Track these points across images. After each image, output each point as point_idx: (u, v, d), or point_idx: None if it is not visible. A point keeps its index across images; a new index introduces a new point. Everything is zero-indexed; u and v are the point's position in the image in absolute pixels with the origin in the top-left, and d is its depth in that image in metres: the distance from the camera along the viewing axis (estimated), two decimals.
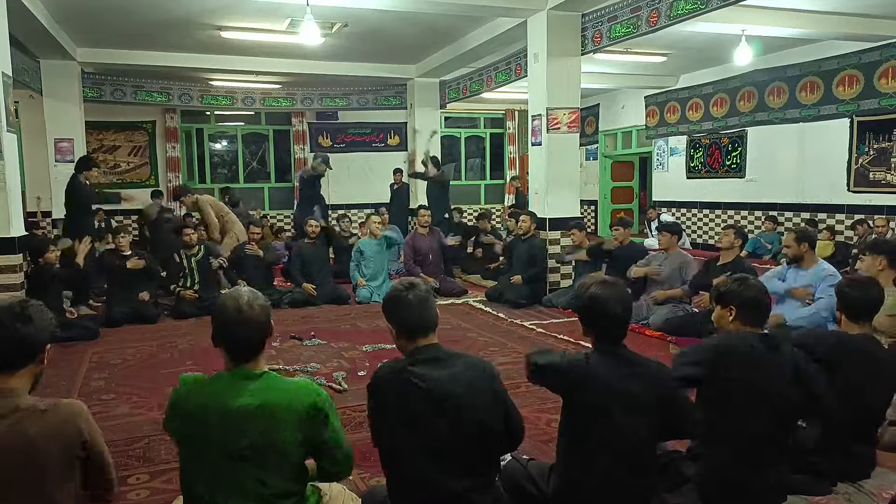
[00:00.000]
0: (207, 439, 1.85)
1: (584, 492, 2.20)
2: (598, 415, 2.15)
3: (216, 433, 1.84)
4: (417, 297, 2.06)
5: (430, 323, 2.09)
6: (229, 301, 1.92)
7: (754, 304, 2.46)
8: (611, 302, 2.19)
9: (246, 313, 1.88)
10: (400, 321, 2.08)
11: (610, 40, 6.84)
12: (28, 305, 1.76)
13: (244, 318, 1.88)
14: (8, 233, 5.17)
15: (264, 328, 1.93)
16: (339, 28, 8.11)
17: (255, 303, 1.91)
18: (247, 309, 1.89)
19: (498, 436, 2.09)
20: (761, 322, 2.50)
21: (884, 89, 8.28)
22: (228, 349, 1.92)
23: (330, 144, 13.29)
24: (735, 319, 2.48)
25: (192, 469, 1.91)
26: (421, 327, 2.07)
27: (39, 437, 1.67)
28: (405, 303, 2.06)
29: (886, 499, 2.53)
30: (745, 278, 2.55)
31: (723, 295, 2.54)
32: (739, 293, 2.48)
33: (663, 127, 12.16)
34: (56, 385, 4.23)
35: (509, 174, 14.46)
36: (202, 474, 1.88)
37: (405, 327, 2.08)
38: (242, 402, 1.85)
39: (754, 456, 2.38)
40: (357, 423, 3.55)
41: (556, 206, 7.16)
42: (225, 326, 1.89)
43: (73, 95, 9.19)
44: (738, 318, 2.48)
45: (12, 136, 5.34)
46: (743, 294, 2.47)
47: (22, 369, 1.73)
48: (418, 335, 2.07)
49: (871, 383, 2.61)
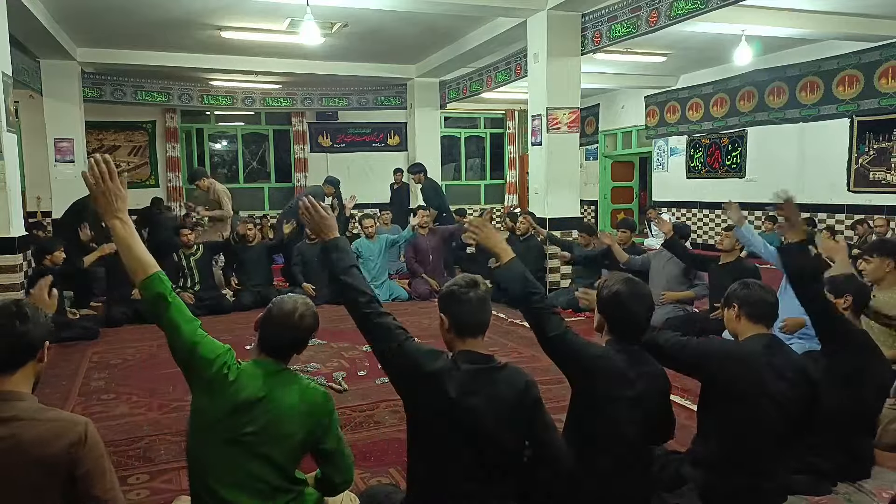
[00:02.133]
0: (214, 422, 1.91)
1: (585, 491, 2.20)
2: (604, 411, 2.17)
3: (225, 416, 1.91)
4: (478, 296, 2.04)
5: (484, 326, 2.08)
6: (289, 303, 2.04)
7: (758, 302, 2.48)
8: (633, 300, 2.22)
9: (295, 321, 2.01)
10: (454, 316, 2.06)
11: (610, 40, 6.84)
12: (23, 304, 1.77)
13: (293, 323, 2.00)
14: (8, 233, 5.17)
15: (302, 342, 2.07)
16: (339, 28, 8.11)
17: (307, 316, 2.04)
18: (298, 318, 2.01)
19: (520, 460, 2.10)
20: (767, 320, 2.50)
21: (884, 89, 8.28)
22: (264, 339, 2.04)
23: (330, 144, 13.30)
24: (741, 318, 2.50)
25: (197, 455, 1.95)
26: (473, 328, 2.06)
27: (27, 446, 1.63)
28: (465, 300, 2.03)
29: (886, 499, 2.53)
30: (748, 281, 2.58)
31: (727, 297, 2.57)
32: (743, 293, 2.51)
33: (663, 127, 12.16)
34: (56, 385, 4.23)
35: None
36: (207, 460, 1.92)
37: (458, 324, 2.06)
38: (251, 393, 1.93)
39: (754, 456, 2.38)
40: (357, 423, 3.54)
41: (556, 206, 7.16)
42: (272, 321, 2.02)
43: (73, 95, 9.18)
44: (744, 318, 2.49)
45: (12, 136, 5.34)
46: (746, 293, 2.50)
47: (22, 367, 1.73)
48: (467, 335, 2.06)
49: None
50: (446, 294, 2.08)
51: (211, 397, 1.93)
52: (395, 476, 2.88)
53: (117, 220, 1.95)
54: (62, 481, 1.66)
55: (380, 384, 4.17)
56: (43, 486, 1.65)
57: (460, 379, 1.97)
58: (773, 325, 2.54)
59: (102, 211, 1.95)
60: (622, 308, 2.23)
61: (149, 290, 1.94)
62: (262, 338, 2.04)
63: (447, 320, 2.06)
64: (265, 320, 2.03)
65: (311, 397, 1.99)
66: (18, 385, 1.72)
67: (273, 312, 2.02)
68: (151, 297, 1.94)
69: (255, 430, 1.91)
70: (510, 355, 4.86)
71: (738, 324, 2.51)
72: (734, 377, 2.36)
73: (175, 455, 3.11)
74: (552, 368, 2.38)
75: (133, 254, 1.95)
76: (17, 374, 1.72)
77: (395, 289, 7.34)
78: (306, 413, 1.97)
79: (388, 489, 2.43)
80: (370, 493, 2.41)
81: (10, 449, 1.62)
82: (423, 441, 2.04)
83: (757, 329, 2.47)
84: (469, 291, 2.03)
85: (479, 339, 2.07)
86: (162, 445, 3.26)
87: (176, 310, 1.96)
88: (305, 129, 12.98)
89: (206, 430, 1.93)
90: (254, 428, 1.91)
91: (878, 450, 2.87)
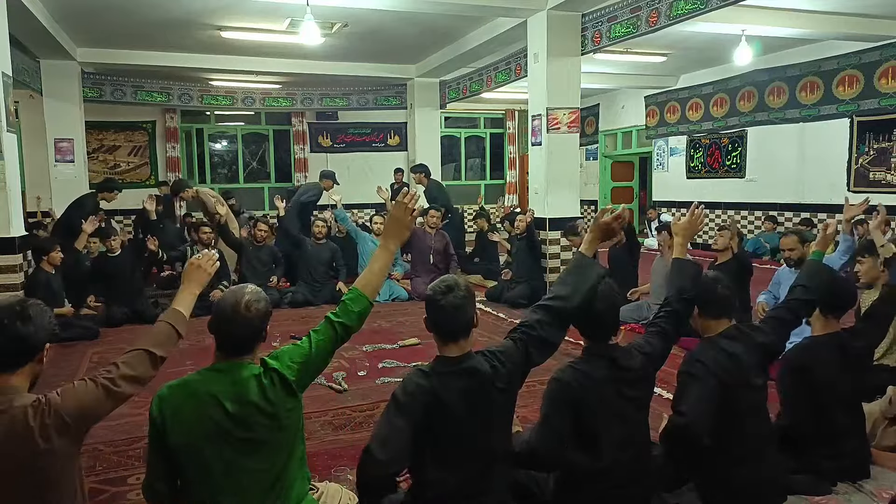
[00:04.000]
0: (207, 436, 1.87)
1: (585, 491, 2.21)
2: (600, 417, 2.18)
3: (219, 425, 1.87)
4: (452, 301, 2.02)
5: (462, 329, 2.05)
6: (229, 297, 1.95)
7: (715, 299, 2.47)
8: (598, 302, 2.24)
9: (241, 314, 1.91)
10: (433, 321, 2.07)
11: (610, 40, 6.84)
12: (28, 305, 1.76)
13: (239, 317, 1.91)
14: (8, 233, 5.17)
15: (257, 331, 1.95)
16: (339, 28, 8.11)
17: (253, 305, 1.93)
18: (243, 310, 1.91)
19: (504, 456, 2.10)
20: (728, 311, 2.50)
21: (884, 89, 8.28)
22: (219, 342, 1.96)
23: (330, 144, 13.29)
24: (706, 318, 2.50)
25: (192, 475, 1.90)
26: (450, 333, 2.05)
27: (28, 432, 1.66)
28: (439, 306, 2.03)
29: (886, 499, 2.53)
30: (704, 278, 2.54)
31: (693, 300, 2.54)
32: (701, 296, 2.49)
33: (663, 127, 12.16)
34: (56, 385, 4.17)
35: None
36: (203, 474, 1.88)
37: (436, 329, 2.07)
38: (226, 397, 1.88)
39: (753, 455, 2.38)
40: (357, 423, 3.55)
41: (556, 206, 7.15)
42: (220, 320, 1.93)
43: (73, 95, 9.18)
44: (708, 317, 2.50)
45: (12, 136, 5.34)
46: (703, 296, 2.49)
47: (22, 368, 1.73)
48: (449, 339, 2.06)
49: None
50: (427, 299, 2.09)
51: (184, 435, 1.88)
52: None
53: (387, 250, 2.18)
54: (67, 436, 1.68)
55: (380, 384, 4.18)
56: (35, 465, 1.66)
57: (438, 386, 1.98)
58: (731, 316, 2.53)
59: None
60: (589, 312, 2.24)
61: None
62: (218, 341, 1.96)
63: (430, 327, 2.09)
64: (215, 322, 1.94)
65: (268, 376, 1.93)
66: (17, 383, 1.73)
67: (220, 312, 1.93)
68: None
69: (247, 436, 1.89)
70: None
71: (699, 321, 2.51)
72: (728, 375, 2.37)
73: None
74: (551, 368, 2.38)
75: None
76: (16, 374, 1.73)
77: (395, 289, 7.33)
78: (276, 385, 1.92)
79: None
80: None
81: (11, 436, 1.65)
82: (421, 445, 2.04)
83: (722, 323, 2.48)
84: (444, 297, 2.03)
85: (460, 341, 2.06)
86: None
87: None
88: (305, 129, 12.97)
89: (195, 446, 1.88)
90: (249, 434, 1.89)
91: (878, 450, 2.87)
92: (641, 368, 2.28)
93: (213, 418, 1.86)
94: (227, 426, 1.86)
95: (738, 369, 2.36)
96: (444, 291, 2.03)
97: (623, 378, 2.22)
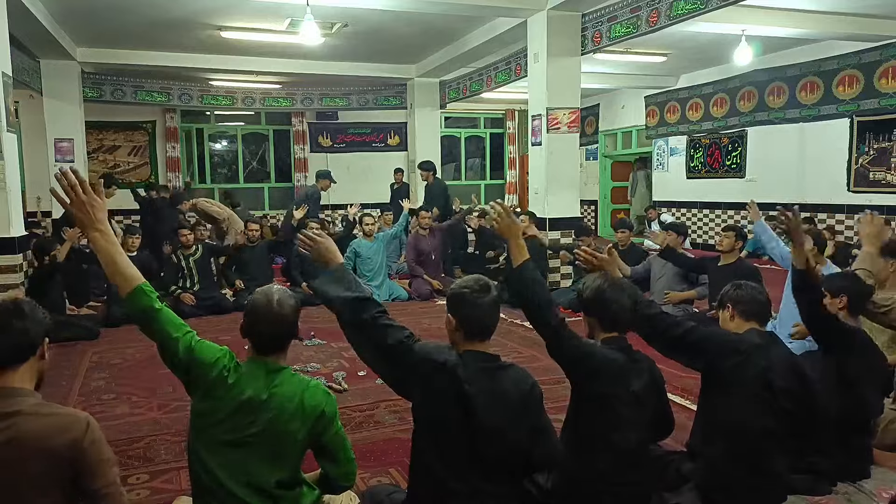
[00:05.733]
0: (216, 424, 1.92)
1: (585, 490, 2.21)
2: (605, 410, 2.19)
3: (227, 418, 1.92)
4: (490, 301, 2.03)
5: (493, 329, 2.08)
6: (262, 297, 2.02)
7: (750, 301, 2.54)
8: (615, 291, 2.28)
9: (276, 310, 1.98)
10: (465, 318, 2.05)
11: (610, 40, 6.84)
12: (19, 301, 1.80)
13: (274, 314, 1.98)
14: (8, 233, 5.17)
15: (292, 327, 2.03)
16: (339, 28, 8.11)
17: (285, 302, 2.01)
18: (277, 307, 1.98)
19: (525, 459, 2.09)
20: (760, 318, 2.55)
21: (884, 89, 8.29)
22: (255, 342, 2.01)
23: (330, 144, 13.29)
24: (735, 318, 2.56)
25: (199, 456, 1.94)
26: (482, 331, 2.06)
27: (29, 440, 1.65)
28: (477, 304, 2.02)
29: (886, 499, 2.53)
30: (740, 283, 2.65)
31: (721, 299, 2.65)
32: (735, 294, 2.58)
33: (663, 127, 12.16)
34: (56, 385, 4.23)
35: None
36: (209, 461, 1.92)
37: (467, 326, 2.05)
38: (253, 394, 1.93)
39: (754, 455, 2.39)
40: (357, 423, 3.55)
41: (556, 206, 7.16)
42: (255, 320, 1.99)
43: (73, 95, 9.18)
44: (738, 316, 2.55)
45: (12, 136, 5.34)
46: (738, 294, 2.57)
47: (23, 364, 1.75)
48: (476, 338, 2.06)
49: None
50: (457, 296, 2.06)
51: (212, 400, 1.93)
52: (396, 476, 2.88)
53: (97, 232, 1.88)
54: (63, 475, 1.68)
55: (380, 384, 4.17)
56: (44, 480, 1.66)
57: (468, 374, 1.98)
58: (766, 323, 2.58)
59: (81, 225, 1.90)
60: (609, 302, 2.28)
61: (134, 304, 1.91)
62: (254, 341, 2.02)
63: (455, 322, 2.06)
64: (248, 324, 2.01)
65: (312, 396, 1.99)
66: (21, 381, 1.74)
67: (252, 314, 2.00)
68: (137, 311, 1.92)
69: (257, 430, 1.92)
70: (510, 355, 4.86)
71: (733, 323, 2.57)
72: (734, 365, 2.38)
73: (175, 455, 3.11)
74: (552, 368, 2.39)
75: (117, 268, 1.90)
76: (19, 371, 1.74)
77: (395, 289, 7.33)
78: (308, 412, 1.97)
79: (389, 489, 2.42)
80: (371, 492, 2.41)
81: (11, 443, 1.64)
82: (427, 439, 2.04)
83: (751, 325, 2.52)
84: (482, 296, 2.03)
85: (486, 341, 2.08)
86: (162, 445, 3.26)
87: (165, 320, 1.93)
88: (305, 129, 12.97)
89: (208, 432, 1.93)
90: (256, 429, 1.92)
91: (878, 450, 2.87)
92: (646, 360, 2.32)
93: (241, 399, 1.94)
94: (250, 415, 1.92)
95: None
96: (480, 290, 2.04)
97: (632, 369, 2.24)
